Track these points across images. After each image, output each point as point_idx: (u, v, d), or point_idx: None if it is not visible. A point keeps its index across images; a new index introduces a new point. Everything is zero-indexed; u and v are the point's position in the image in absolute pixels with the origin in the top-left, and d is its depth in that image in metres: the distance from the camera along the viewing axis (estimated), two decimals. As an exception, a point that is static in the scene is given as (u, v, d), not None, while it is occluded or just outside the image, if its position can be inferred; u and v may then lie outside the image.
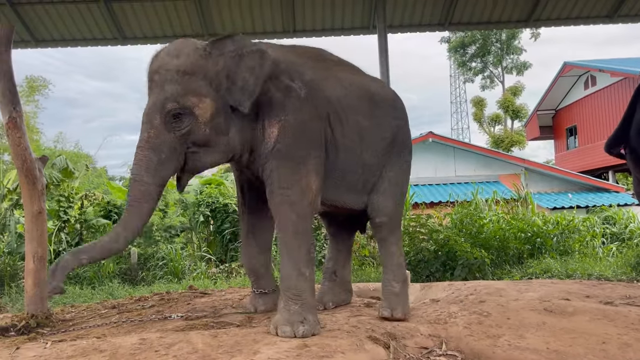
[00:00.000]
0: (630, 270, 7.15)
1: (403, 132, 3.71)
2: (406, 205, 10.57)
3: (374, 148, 3.44)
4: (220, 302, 4.21)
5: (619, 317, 3.08)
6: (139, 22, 8.10)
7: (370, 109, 3.47)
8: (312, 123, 3.09)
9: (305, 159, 3.04)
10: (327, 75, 3.33)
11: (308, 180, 3.03)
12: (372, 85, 3.66)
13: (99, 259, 3.13)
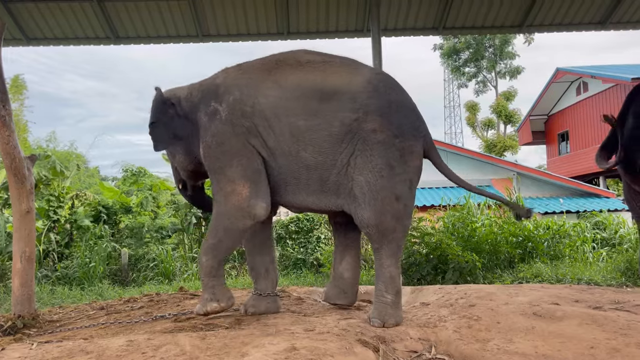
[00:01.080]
0: (620, 275, 7.18)
1: (369, 126, 3.31)
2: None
3: (315, 146, 3.35)
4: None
5: (608, 322, 3.09)
6: (133, 22, 8.05)
7: (313, 106, 3.38)
8: (231, 139, 3.47)
9: (224, 169, 3.46)
10: (262, 85, 3.51)
11: (233, 187, 3.42)
12: (329, 80, 3.44)
13: None
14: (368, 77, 3.47)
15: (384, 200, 3.28)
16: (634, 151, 4.93)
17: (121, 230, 10.26)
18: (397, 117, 3.37)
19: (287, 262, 9.67)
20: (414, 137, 3.39)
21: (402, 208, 3.33)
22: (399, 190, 3.31)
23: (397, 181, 3.30)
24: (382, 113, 3.33)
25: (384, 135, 3.30)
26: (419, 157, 3.43)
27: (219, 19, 8.10)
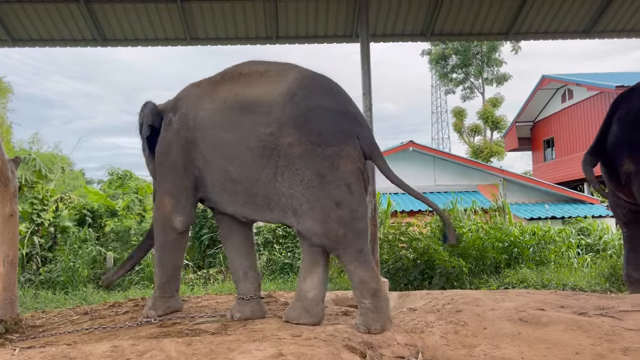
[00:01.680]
0: (604, 281, 7.27)
1: (285, 140, 3.20)
2: (386, 214, 10.62)
3: (239, 160, 3.34)
4: (196, 308, 4.16)
5: (593, 327, 3.11)
6: (120, 24, 7.99)
7: (234, 120, 3.38)
8: (176, 151, 3.67)
9: (162, 180, 3.80)
10: (203, 99, 3.61)
11: (162, 201, 3.79)
12: (251, 92, 3.41)
13: None
14: (289, 85, 3.32)
15: (323, 209, 3.17)
16: (618, 158, 4.99)
17: (106, 234, 10.16)
18: (316, 125, 3.20)
19: (274, 266, 9.64)
20: (340, 141, 3.20)
21: (348, 213, 3.19)
22: (338, 197, 3.17)
23: (331, 188, 3.16)
24: (298, 124, 3.20)
25: (303, 147, 3.17)
26: (352, 160, 3.22)
27: (208, 22, 8.07)
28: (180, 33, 8.20)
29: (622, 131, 4.98)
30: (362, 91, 7.18)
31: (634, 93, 5.02)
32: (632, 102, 4.97)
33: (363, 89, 7.17)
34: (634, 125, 4.88)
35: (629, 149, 4.87)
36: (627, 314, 3.44)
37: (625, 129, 4.95)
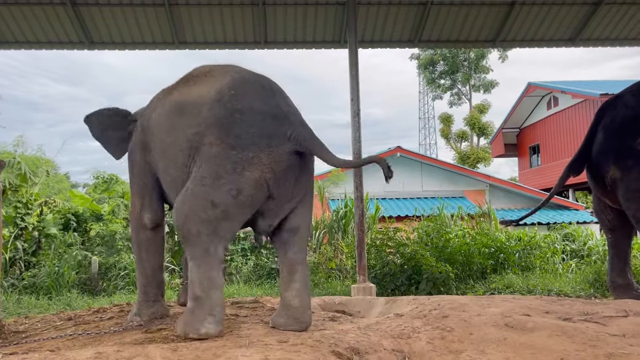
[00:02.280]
0: (589, 286, 7.33)
1: (207, 140, 3.19)
2: (374, 219, 10.64)
3: (175, 162, 3.41)
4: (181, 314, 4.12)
5: (577, 333, 3.14)
6: (108, 27, 7.95)
7: (173, 122, 3.43)
8: (138, 152, 3.85)
9: (132, 182, 3.97)
10: (158, 103, 3.73)
11: (132, 201, 3.96)
12: (190, 94, 3.44)
13: None
14: (221, 86, 3.32)
15: (193, 205, 3.18)
16: (603, 165, 5.06)
17: (92, 238, 10.04)
18: (239, 128, 3.17)
19: (261, 271, 9.59)
20: (257, 146, 3.16)
21: (220, 214, 3.15)
22: (219, 198, 3.13)
23: (219, 189, 3.13)
24: (221, 124, 3.18)
25: (219, 148, 3.16)
26: (260, 168, 3.16)
27: (196, 26, 8.06)
28: (168, 37, 8.18)
29: (607, 138, 5.05)
30: (350, 97, 7.21)
31: (619, 101, 5.09)
32: (617, 109, 5.04)
33: (351, 95, 7.20)
34: (619, 133, 4.95)
35: (615, 155, 4.94)
36: (611, 319, 3.48)
37: (611, 136, 5.02)
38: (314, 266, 8.97)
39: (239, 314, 4.01)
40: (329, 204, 12.48)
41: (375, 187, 14.13)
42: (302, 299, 3.44)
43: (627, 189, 4.89)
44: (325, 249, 9.80)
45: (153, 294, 3.94)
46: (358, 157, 7.09)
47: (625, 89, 5.22)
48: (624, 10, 8.30)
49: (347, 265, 9.12)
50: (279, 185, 3.27)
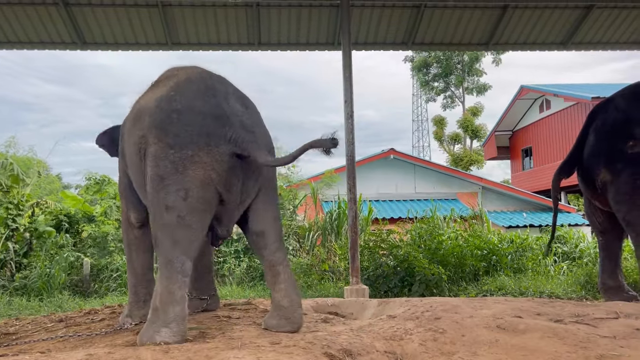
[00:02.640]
0: (580, 288, 7.38)
1: (149, 141, 3.24)
2: (367, 221, 10.65)
3: (136, 167, 3.47)
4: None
5: (569, 335, 3.15)
6: (101, 27, 7.92)
7: (132, 128, 3.51)
8: (120, 158, 3.96)
9: (118, 187, 4.20)
10: (131, 108, 3.78)
11: (121, 203, 4.09)
12: (147, 98, 3.49)
13: None
14: (167, 88, 3.37)
15: (155, 211, 3.23)
16: (594, 168, 5.09)
17: (83, 240, 9.99)
18: (176, 127, 3.17)
19: (254, 273, 9.57)
20: (196, 145, 3.13)
21: (175, 219, 3.12)
22: (170, 201, 3.12)
23: (167, 192, 3.12)
24: (161, 126, 3.20)
25: (157, 147, 3.17)
26: (202, 166, 3.13)
27: (190, 27, 8.05)
28: (161, 38, 8.15)
29: (598, 141, 5.09)
30: (343, 99, 7.22)
31: (610, 104, 5.13)
32: (608, 112, 5.08)
33: (345, 97, 7.21)
34: (610, 136, 4.99)
35: (605, 158, 4.97)
36: (602, 321, 3.50)
37: (602, 139, 5.06)
38: (307, 268, 8.97)
39: (231, 316, 4.00)
40: (323, 205, 12.49)
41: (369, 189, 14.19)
42: (291, 299, 3.43)
43: (617, 191, 4.92)
44: (318, 250, 9.80)
45: (143, 294, 3.88)
46: (351, 159, 7.11)
47: (616, 93, 5.27)
48: (615, 14, 8.37)
49: (340, 267, 9.13)
50: (227, 187, 3.23)
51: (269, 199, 3.56)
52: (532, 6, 8.11)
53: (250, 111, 3.50)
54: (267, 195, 3.55)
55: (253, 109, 3.58)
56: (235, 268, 9.53)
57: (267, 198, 3.54)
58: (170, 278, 3.10)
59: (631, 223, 4.92)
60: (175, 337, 3.05)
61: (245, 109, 3.44)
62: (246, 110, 3.45)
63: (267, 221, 3.52)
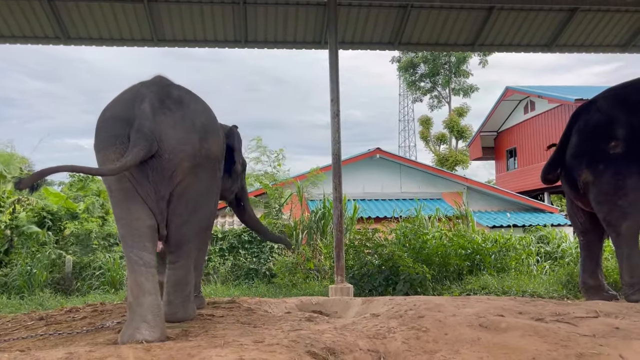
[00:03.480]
0: (562, 288, 7.47)
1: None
2: (352, 220, 10.67)
3: None
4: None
5: (549, 333, 3.19)
6: (85, 22, 7.82)
7: None
8: None
9: None
10: None
11: None
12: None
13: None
14: (112, 100, 3.61)
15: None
16: (576, 168, 5.15)
17: (66, 237, 9.87)
18: (101, 132, 3.44)
19: (239, 272, 9.55)
20: (106, 147, 3.34)
21: (117, 213, 3.44)
22: (111, 199, 3.46)
23: (109, 191, 3.46)
24: (95, 133, 3.50)
25: (94, 152, 3.49)
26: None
27: (175, 23, 7.99)
28: (147, 34, 8.08)
29: (580, 142, 5.14)
30: (330, 98, 7.22)
31: (593, 106, 5.19)
32: (591, 114, 5.13)
33: (331, 96, 7.22)
34: (592, 137, 5.04)
35: (587, 159, 5.03)
36: (582, 320, 3.54)
37: (584, 140, 5.11)
38: (292, 266, 8.96)
39: (214, 314, 3.98)
40: (308, 204, 12.48)
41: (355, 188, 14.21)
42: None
43: (599, 192, 4.98)
44: (304, 249, 9.80)
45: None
46: (337, 158, 7.12)
47: (598, 94, 5.33)
48: (599, 17, 8.48)
49: (325, 266, 9.14)
50: (138, 182, 3.32)
51: (183, 201, 3.50)
52: (518, 8, 8.19)
53: (169, 111, 3.46)
54: (183, 197, 3.48)
55: (179, 110, 3.52)
56: (220, 266, 9.50)
57: (181, 200, 3.48)
58: (136, 271, 3.22)
59: (612, 223, 4.98)
60: (154, 332, 3.08)
61: (164, 110, 3.43)
62: (160, 111, 3.42)
63: (174, 226, 3.54)
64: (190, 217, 3.59)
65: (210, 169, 3.63)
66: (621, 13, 8.45)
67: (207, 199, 3.72)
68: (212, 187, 3.75)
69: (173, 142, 3.36)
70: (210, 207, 3.88)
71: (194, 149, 3.44)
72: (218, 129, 3.83)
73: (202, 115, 3.64)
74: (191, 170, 3.44)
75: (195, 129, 3.50)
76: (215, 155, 3.67)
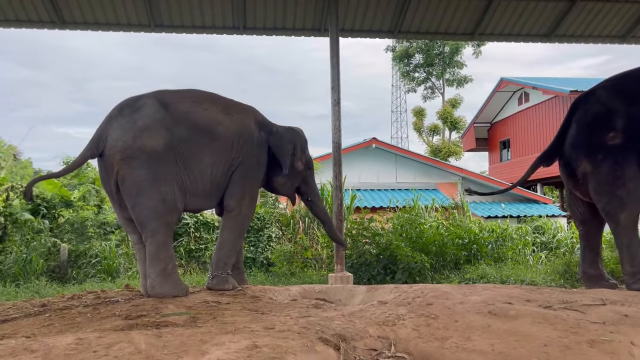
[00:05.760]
0: (559, 277, 7.51)
1: None
2: (349, 209, 10.66)
3: None
4: (161, 300, 4.02)
5: (559, 320, 3.19)
6: (80, 6, 7.68)
7: None
8: None
9: None
10: None
11: None
12: None
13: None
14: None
15: None
16: (575, 158, 5.14)
17: (61, 225, 9.75)
18: None
19: (236, 260, 9.50)
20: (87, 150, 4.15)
21: None
22: None
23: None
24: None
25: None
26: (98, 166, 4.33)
27: (174, 9, 7.87)
28: (144, 19, 7.96)
29: (579, 132, 5.13)
30: (330, 85, 7.17)
31: (593, 96, 5.17)
32: (590, 104, 5.12)
33: (332, 84, 7.16)
34: (591, 127, 5.04)
35: (586, 149, 5.02)
36: (590, 307, 3.54)
37: (583, 130, 5.10)
38: (290, 256, 8.94)
39: (220, 302, 3.94)
40: (304, 193, 12.42)
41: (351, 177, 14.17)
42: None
43: (598, 182, 4.98)
44: (301, 238, 9.78)
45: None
46: (337, 147, 7.10)
47: (598, 84, 5.30)
48: (599, 7, 8.46)
49: (322, 255, 9.12)
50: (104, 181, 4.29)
51: (125, 188, 4.09)
52: (518, -3, 8.15)
53: (121, 117, 4.16)
54: (123, 184, 4.09)
55: (128, 115, 4.15)
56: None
57: (123, 187, 4.10)
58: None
59: (611, 214, 4.99)
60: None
61: (117, 117, 4.17)
62: (114, 118, 4.18)
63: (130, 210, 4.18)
64: (137, 201, 4.07)
65: (147, 160, 4.03)
66: (621, 3, 8.43)
67: (150, 184, 4.06)
68: (154, 174, 4.07)
69: (111, 141, 4.05)
70: (160, 192, 4.11)
71: (125, 144, 4.00)
72: (160, 127, 4.15)
73: (148, 118, 4.11)
74: (124, 161, 4.02)
75: (134, 128, 4.05)
76: (151, 149, 4.03)
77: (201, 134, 4.31)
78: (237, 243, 4.68)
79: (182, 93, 4.50)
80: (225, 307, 3.74)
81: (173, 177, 4.16)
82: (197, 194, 4.36)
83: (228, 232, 4.61)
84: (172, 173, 4.16)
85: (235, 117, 4.59)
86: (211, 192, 4.45)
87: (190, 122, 4.28)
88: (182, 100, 4.37)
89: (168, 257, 4.19)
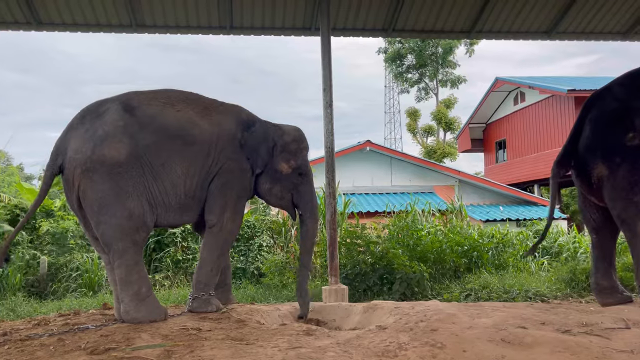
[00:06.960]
0: (565, 286, 7.16)
1: None
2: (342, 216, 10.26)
3: None
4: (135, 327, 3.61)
5: (581, 349, 2.82)
6: (57, 6, 7.26)
7: None
8: None
9: None
10: None
11: None
12: None
13: None
14: None
15: None
16: (589, 161, 4.78)
17: (41, 236, 9.28)
18: None
19: (226, 271, 9.08)
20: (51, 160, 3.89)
21: None
22: None
23: None
24: None
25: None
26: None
27: (156, 8, 7.46)
28: (125, 19, 7.54)
29: (594, 133, 4.76)
30: (322, 87, 6.80)
31: (608, 93, 4.81)
32: (606, 102, 4.76)
33: (323, 85, 6.81)
34: (607, 127, 4.68)
35: (602, 151, 4.66)
36: (614, 332, 3.18)
37: (598, 130, 4.74)
38: (281, 266, 8.52)
39: (201, 328, 3.54)
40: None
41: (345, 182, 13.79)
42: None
43: (614, 187, 4.61)
44: (293, 246, 9.37)
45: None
46: (330, 151, 6.74)
47: (613, 80, 4.93)
48: (601, 3, 8.12)
49: (316, 265, 8.72)
50: (68, 199, 3.93)
51: (87, 204, 3.76)
52: (517, -7, 7.79)
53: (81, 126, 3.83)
54: (84, 200, 3.76)
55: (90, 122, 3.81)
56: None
57: (85, 203, 3.77)
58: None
59: (626, 221, 4.62)
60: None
61: (77, 126, 3.85)
62: (74, 127, 3.86)
63: (94, 229, 3.85)
64: (100, 218, 3.71)
65: (108, 173, 3.66)
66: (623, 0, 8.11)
67: (114, 199, 3.68)
68: (118, 188, 3.70)
69: (71, 153, 3.72)
70: (125, 207, 3.71)
71: (85, 156, 3.66)
72: (123, 135, 3.75)
73: (109, 125, 3.74)
74: (84, 175, 3.67)
75: (94, 137, 3.69)
76: (112, 160, 3.67)
77: (171, 140, 3.88)
78: (219, 262, 4.25)
79: (154, 94, 4.06)
80: (206, 335, 3.34)
81: (140, 190, 3.75)
82: (169, 207, 3.93)
83: (208, 250, 4.19)
84: (139, 185, 3.75)
85: (214, 119, 4.14)
86: (187, 204, 4.02)
87: (158, 126, 3.85)
88: (152, 103, 3.93)
89: (140, 279, 3.81)
